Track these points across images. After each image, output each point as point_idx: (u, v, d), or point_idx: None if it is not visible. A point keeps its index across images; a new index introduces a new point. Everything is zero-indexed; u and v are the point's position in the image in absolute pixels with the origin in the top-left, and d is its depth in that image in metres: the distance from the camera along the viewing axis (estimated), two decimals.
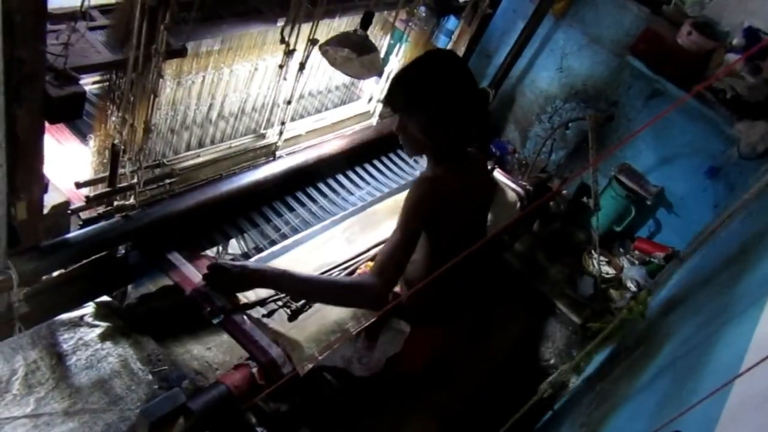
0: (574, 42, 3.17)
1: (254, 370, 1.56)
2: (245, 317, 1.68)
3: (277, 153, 2.12)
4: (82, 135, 1.87)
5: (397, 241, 1.68)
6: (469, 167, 1.85)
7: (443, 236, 1.78)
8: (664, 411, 1.17)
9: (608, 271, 3.03)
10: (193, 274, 1.74)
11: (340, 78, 2.30)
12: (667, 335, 1.71)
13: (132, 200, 1.70)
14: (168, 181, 1.80)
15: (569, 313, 2.81)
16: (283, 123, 2.05)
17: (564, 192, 3.29)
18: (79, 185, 1.61)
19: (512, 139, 3.58)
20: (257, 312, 1.71)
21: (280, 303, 1.75)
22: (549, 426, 2.17)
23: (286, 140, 2.13)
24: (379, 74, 2.30)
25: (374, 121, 2.51)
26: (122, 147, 1.60)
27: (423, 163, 2.70)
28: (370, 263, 2.01)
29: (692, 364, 1.25)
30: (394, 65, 2.43)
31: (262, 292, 1.76)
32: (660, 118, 3.03)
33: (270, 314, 1.73)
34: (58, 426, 1.55)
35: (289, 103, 1.98)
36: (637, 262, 3.12)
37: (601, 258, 3.00)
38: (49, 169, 1.50)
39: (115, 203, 1.69)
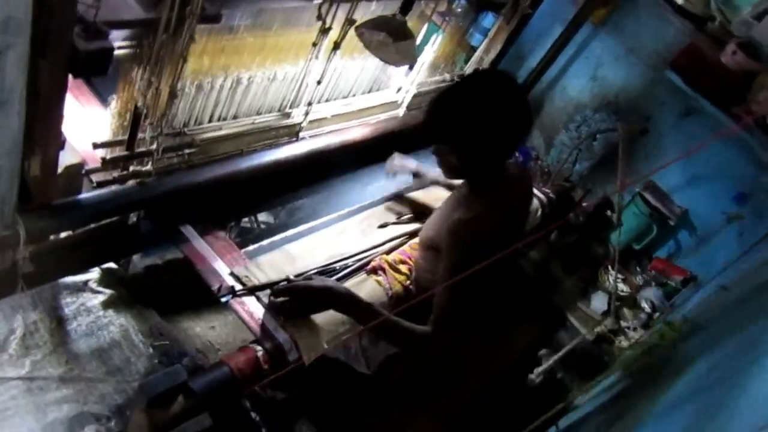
0: (611, 51, 3.08)
1: (259, 353, 1.51)
2: (254, 299, 1.62)
3: (301, 134, 2.06)
4: (103, 97, 1.82)
5: (452, 294, 1.58)
6: (507, 190, 1.71)
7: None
8: None
9: (623, 288, 2.95)
10: (205, 249, 1.69)
11: (371, 64, 2.24)
12: (687, 360, 1.64)
13: (149, 167, 1.64)
14: (187, 151, 1.74)
15: (580, 328, 2.73)
16: (310, 103, 1.99)
17: (584, 204, 3.21)
18: (96, 146, 1.56)
19: (536, 145, 3.50)
20: (266, 295, 1.65)
21: None
22: None
23: (310, 122, 2.07)
24: (413, 63, 2.24)
25: (401, 111, 2.44)
26: (144, 111, 1.54)
27: None
28: (385, 256, 1.95)
29: (722, 396, 1.18)
30: (428, 56, 2.36)
31: (273, 275, 1.70)
32: (691, 137, 2.96)
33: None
34: (53, 392, 1.51)
35: (319, 83, 1.92)
36: (653, 283, 3.04)
37: (618, 275, 2.93)
38: (66, 129, 1.45)
39: (131, 168, 1.63)
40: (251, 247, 1.79)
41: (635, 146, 3.06)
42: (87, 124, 1.71)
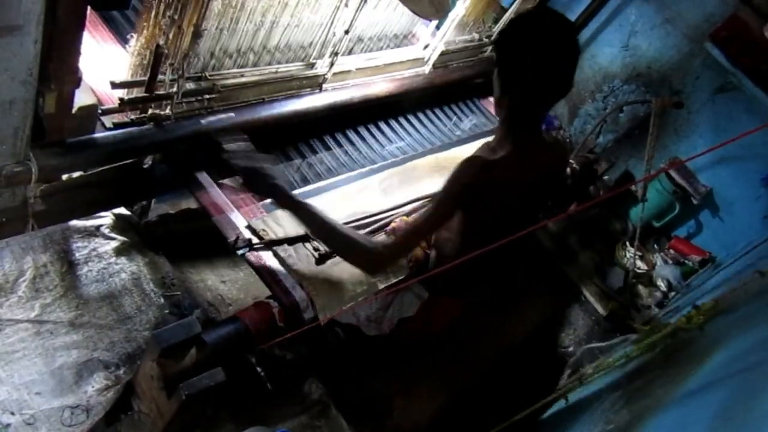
0: (647, 20, 2.95)
1: (275, 310, 1.46)
2: (271, 254, 1.57)
3: (324, 86, 1.98)
4: (122, 37, 1.74)
5: (426, 218, 1.58)
6: (538, 151, 1.67)
7: (482, 220, 1.66)
8: (728, 425, 1.05)
9: (640, 266, 2.89)
10: (222, 198, 1.62)
11: (398, 17, 2.14)
12: (715, 342, 1.59)
13: (168, 111, 1.57)
14: (207, 96, 1.67)
15: (594, 303, 2.69)
16: (336, 54, 1.90)
17: (606, 178, 3.13)
18: (115, 85, 1.49)
19: (560, 114, 3.40)
20: (284, 251, 1.60)
21: (308, 245, 1.64)
22: (562, 416, 2.07)
23: (334, 74, 1.98)
24: (444, 17, 2.14)
25: (427, 69, 2.35)
26: (166, 51, 1.46)
27: (468, 123, 2.56)
28: (406, 218, 1.89)
29: (760, 382, 1.13)
30: (458, 13, 2.26)
31: (291, 230, 1.65)
32: (724, 116, 2.86)
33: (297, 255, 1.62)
34: (62, 336, 1.47)
35: (347, 32, 1.83)
36: (670, 262, 2.98)
37: (636, 252, 2.86)
38: (83, 67, 1.37)
39: (150, 111, 1.56)
40: (269, 200, 1.73)
41: (664, 121, 2.96)
42: (104, 64, 1.63)
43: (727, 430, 1.03)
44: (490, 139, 1.72)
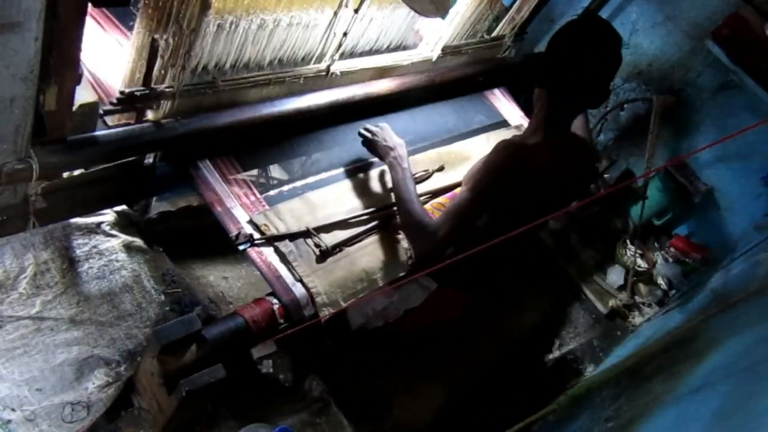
0: (649, 17, 2.95)
1: (275, 307, 1.46)
2: (273, 249, 1.57)
3: (326, 84, 1.97)
4: (123, 34, 1.74)
5: (465, 202, 1.64)
6: (566, 148, 1.74)
7: (505, 209, 1.67)
8: (727, 423, 1.05)
9: (641, 264, 2.90)
10: (224, 191, 1.62)
11: (399, 14, 2.14)
12: (714, 340, 1.59)
13: (169, 107, 1.57)
14: (209, 93, 1.66)
15: (595, 301, 2.69)
16: (340, 46, 1.89)
17: (606, 176, 3.13)
18: (116, 92, 1.48)
19: None
20: (285, 246, 1.60)
21: (310, 241, 1.64)
22: (562, 413, 2.08)
23: (336, 72, 1.97)
24: (445, 15, 2.13)
25: (428, 66, 2.34)
26: (164, 46, 1.46)
27: (469, 120, 2.56)
28: None
29: (763, 379, 1.13)
30: (460, 10, 2.25)
31: (293, 225, 1.65)
32: (725, 114, 2.86)
33: (298, 251, 1.61)
34: (63, 333, 1.47)
35: (345, 34, 1.83)
36: (671, 260, 2.98)
37: (636, 250, 2.87)
38: (85, 64, 1.38)
39: (150, 108, 1.56)
40: (271, 192, 1.73)
41: (665, 119, 2.95)
42: (105, 61, 1.63)
43: (727, 427, 1.03)
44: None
